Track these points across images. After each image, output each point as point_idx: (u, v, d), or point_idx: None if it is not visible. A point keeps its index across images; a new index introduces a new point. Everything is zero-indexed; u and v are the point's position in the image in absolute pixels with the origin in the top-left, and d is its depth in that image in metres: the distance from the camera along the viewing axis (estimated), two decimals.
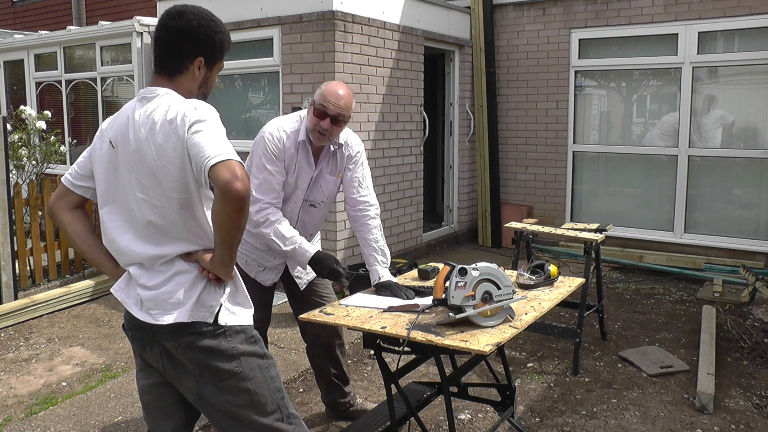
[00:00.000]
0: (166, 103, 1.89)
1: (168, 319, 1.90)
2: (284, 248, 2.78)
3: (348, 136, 3.02)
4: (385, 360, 2.65)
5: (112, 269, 2.07)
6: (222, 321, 1.94)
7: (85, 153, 2.09)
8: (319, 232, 3.26)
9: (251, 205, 2.63)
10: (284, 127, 2.87)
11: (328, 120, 2.79)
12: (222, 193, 1.73)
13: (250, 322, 2.04)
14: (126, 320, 2.06)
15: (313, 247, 2.83)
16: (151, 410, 2.14)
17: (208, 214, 1.93)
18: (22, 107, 6.61)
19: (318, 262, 2.78)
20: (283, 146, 2.84)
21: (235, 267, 1.97)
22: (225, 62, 2.11)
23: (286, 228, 2.81)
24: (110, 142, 1.96)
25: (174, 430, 2.12)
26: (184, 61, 1.97)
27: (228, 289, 1.99)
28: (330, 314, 2.58)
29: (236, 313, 2.00)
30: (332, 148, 2.98)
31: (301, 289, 3.12)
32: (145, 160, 1.87)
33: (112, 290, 2.05)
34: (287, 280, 3.15)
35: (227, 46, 2.06)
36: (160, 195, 1.88)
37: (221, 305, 1.95)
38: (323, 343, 3.25)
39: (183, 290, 1.91)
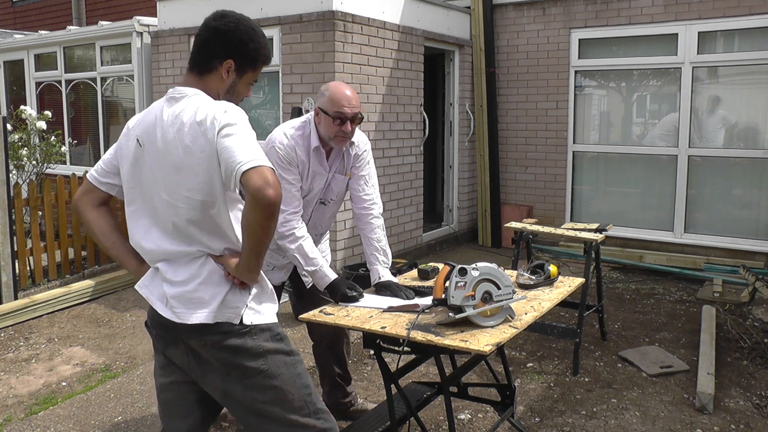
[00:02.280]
0: (195, 104, 1.89)
1: (192, 319, 1.90)
2: (305, 267, 2.80)
3: (355, 134, 3.03)
4: (385, 360, 2.65)
5: (136, 267, 2.07)
6: (247, 321, 1.94)
7: (111, 150, 2.10)
8: (328, 232, 3.26)
9: None
10: (292, 134, 2.85)
11: (349, 123, 2.79)
12: (253, 199, 1.73)
13: (276, 319, 2.04)
14: (149, 317, 2.06)
15: (332, 272, 2.82)
16: (168, 408, 2.13)
17: (233, 216, 1.93)
18: (22, 107, 6.61)
19: (332, 288, 2.77)
20: (295, 153, 2.83)
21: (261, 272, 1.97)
22: None
23: (310, 248, 2.81)
24: (137, 140, 1.96)
25: (189, 429, 2.12)
26: (214, 60, 1.98)
27: (254, 291, 1.99)
28: (330, 314, 2.58)
29: (261, 311, 1.99)
30: (342, 148, 2.98)
31: (308, 287, 3.13)
32: (171, 160, 1.87)
33: (136, 287, 2.05)
34: (295, 279, 3.16)
35: (262, 59, 2.05)
36: (185, 196, 1.88)
37: (246, 306, 1.95)
38: (329, 342, 3.26)
39: (209, 290, 1.91)
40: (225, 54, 1.99)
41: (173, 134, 1.87)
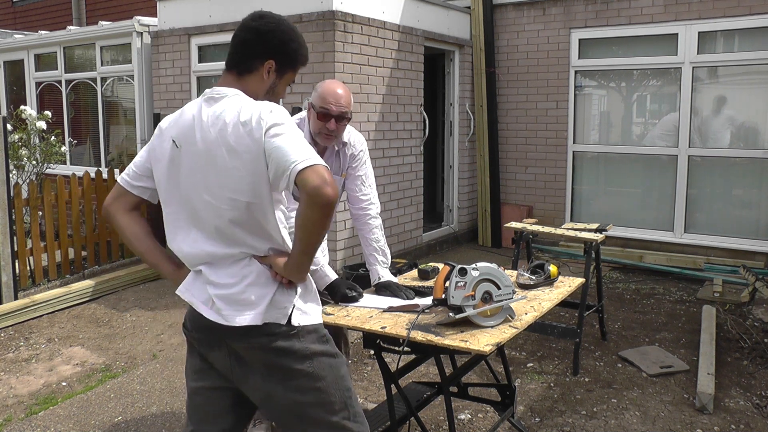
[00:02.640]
0: (237, 105, 1.86)
1: (241, 321, 1.86)
2: None
3: (350, 134, 3.02)
4: (385, 360, 2.65)
5: (173, 272, 2.04)
6: (295, 322, 1.91)
7: (142, 152, 2.06)
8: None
9: None
10: None
11: (333, 121, 2.78)
12: (310, 198, 1.71)
13: (321, 319, 2.02)
14: (189, 321, 2.01)
15: (332, 272, 2.82)
16: (198, 412, 2.08)
17: (277, 216, 1.90)
18: (22, 107, 6.60)
19: (332, 288, 2.77)
20: None
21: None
22: (224, 62, 2.10)
23: None
24: (173, 141, 1.92)
25: None
26: (255, 61, 1.96)
27: (300, 290, 1.95)
28: (330, 314, 2.58)
29: (308, 312, 1.96)
30: (336, 148, 2.98)
31: None
32: (214, 161, 1.84)
33: (177, 292, 2.00)
34: None
35: (302, 60, 2.04)
36: (229, 197, 1.84)
37: (294, 306, 1.92)
38: None
39: (257, 290, 1.88)
40: (266, 54, 1.96)
41: (215, 134, 1.84)
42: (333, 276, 2.79)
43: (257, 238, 1.89)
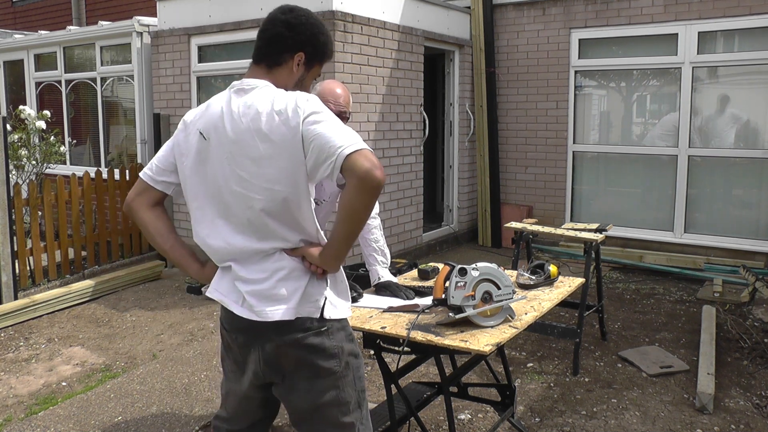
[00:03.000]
0: (270, 95, 1.85)
1: (273, 315, 1.84)
2: None
3: None
4: (385, 360, 2.65)
5: (198, 270, 2.01)
6: (327, 315, 1.89)
7: (165, 147, 2.02)
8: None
9: None
10: None
11: None
12: (361, 182, 1.69)
13: (350, 314, 2.01)
14: (226, 321, 1.99)
15: None
16: (231, 409, 2.12)
17: (312, 207, 1.88)
18: (21, 107, 6.60)
19: None
20: None
21: None
22: (224, 62, 2.11)
23: None
24: (200, 133, 1.90)
25: (252, 424, 2.13)
26: (285, 54, 1.95)
27: (330, 281, 1.93)
28: None
29: (337, 305, 1.94)
30: None
31: None
32: (246, 151, 1.81)
33: (207, 293, 1.97)
34: None
35: (329, 53, 2.03)
36: (262, 187, 1.81)
37: (326, 298, 1.90)
38: None
39: (288, 285, 1.85)
40: (297, 47, 1.95)
41: (247, 124, 1.81)
42: None
43: (290, 229, 1.86)
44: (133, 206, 2.01)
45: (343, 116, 2.79)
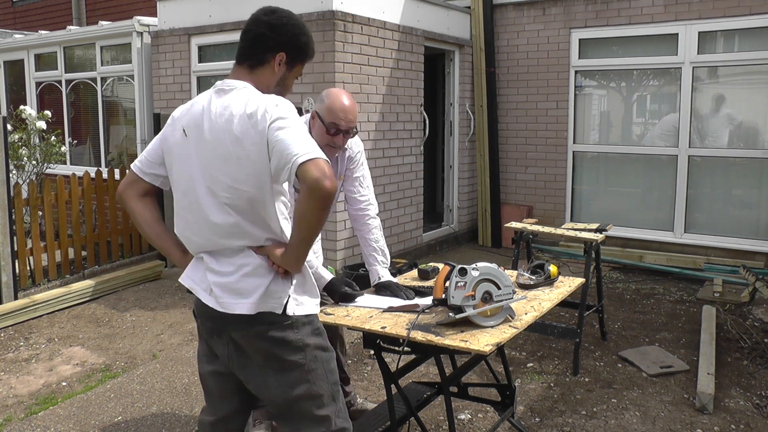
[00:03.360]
0: (245, 97, 1.92)
1: (236, 308, 1.93)
2: None
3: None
4: (385, 360, 2.65)
5: (180, 258, 2.11)
6: (290, 311, 1.97)
7: (155, 140, 2.12)
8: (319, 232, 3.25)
9: None
10: None
11: (341, 135, 2.76)
12: (310, 190, 1.76)
13: (317, 311, 2.07)
14: (196, 307, 2.09)
15: (328, 273, 2.81)
16: (210, 393, 2.20)
17: (277, 208, 1.95)
18: (22, 107, 6.60)
19: (330, 288, 2.76)
20: None
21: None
22: (224, 62, 2.16)
23: None
24: (183, 130, 1.99)
25: (230, 413, 2.18)
26: (267, 54, 2.03)
27: (296, 280, 2.01)
28: (330, 314, 2.58)
29: (303, 303, 2.02)
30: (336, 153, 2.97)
31: None
32: (219, 151, 1.90)
33: (180, 279, 2.09)
34: None
35: (310, 54, 2.12)
36: (231, 187, 1.90)
37: (289, 296, 1.97)
38: None
39: (252, 281, 1.94)
40: (278, 47, 2.03)
41: (222, 125, 1.90)
42: (329, 276, 2.79)
43: (256, 227, 1.94)
44: (123, 196, 2.12)
45: (351, 131, 2.78)
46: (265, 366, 1.99)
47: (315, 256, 3.10)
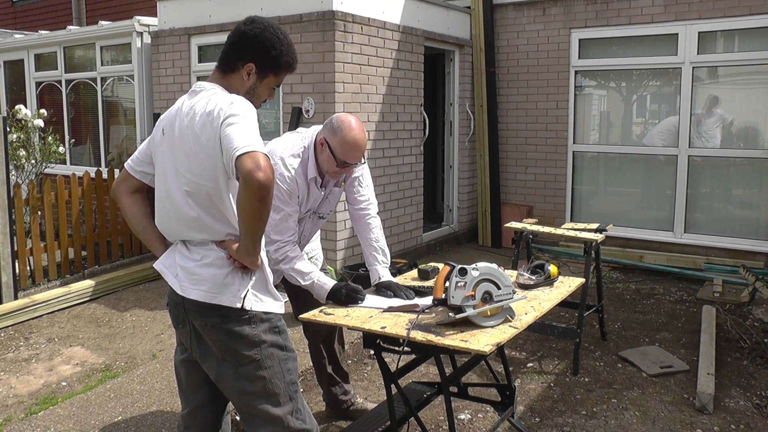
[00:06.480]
0: (208, 97, 2.02)
1: (192, 294, 2.03)
2: (303, 283, 2.78)
3: None
4: (385, 360, 2.65)
5: (162, 251, 2.22)
6: (248, 306, 2.03)
7: (146, 140, 2.25)
8: (318, 231, 3.26)
9: (269, 245, 2.69)
10: (291, 163, 2.77)
11: (351, 167, 2.80)
12: (244, 181, 1.82)
13: (277, 311, 2.12)
14: (168, 295, 2.21)
15: (329, 279, 2.79)
16: (181, 383, 2.30)
17: (234, 202, 2.01)
18: (17, 107, 6.60)
19: (334, 294, 2.75)
20: (296, 185, 2.78)
21: (264, 258, 2.08)
22: None
23: (304, 264, 2.80)
24: (162, 130, 2.12)
25: (200, 403, 2.26)
26: (238, 62, 2.11)
27: (255, 277, 2.07)
28: (330, 314, 2.58)
29: (262, 300, 2.08)
30: None
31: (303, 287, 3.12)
32: (184, 149, 2.01)
33: (154, 265, 2.23)
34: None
35: (285, 67, 2.16)
36: (193, 182, 2.00)
37: (248, 291, 2.04)
38: (324, 339, 3.27)
39: (209, 270, 2.03)
40: (247, 57, 2.10)
41: (187, 123, 2.01)
42: (330, 283, 2.78)
43: (217, 222, 2.03)
44: (116, 192, 2.26)
45: (361, 161, 2.81)
46: (223, 359, 2.06)
47: (314, 253, 3.10)
